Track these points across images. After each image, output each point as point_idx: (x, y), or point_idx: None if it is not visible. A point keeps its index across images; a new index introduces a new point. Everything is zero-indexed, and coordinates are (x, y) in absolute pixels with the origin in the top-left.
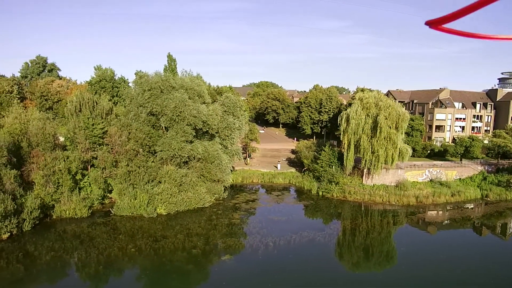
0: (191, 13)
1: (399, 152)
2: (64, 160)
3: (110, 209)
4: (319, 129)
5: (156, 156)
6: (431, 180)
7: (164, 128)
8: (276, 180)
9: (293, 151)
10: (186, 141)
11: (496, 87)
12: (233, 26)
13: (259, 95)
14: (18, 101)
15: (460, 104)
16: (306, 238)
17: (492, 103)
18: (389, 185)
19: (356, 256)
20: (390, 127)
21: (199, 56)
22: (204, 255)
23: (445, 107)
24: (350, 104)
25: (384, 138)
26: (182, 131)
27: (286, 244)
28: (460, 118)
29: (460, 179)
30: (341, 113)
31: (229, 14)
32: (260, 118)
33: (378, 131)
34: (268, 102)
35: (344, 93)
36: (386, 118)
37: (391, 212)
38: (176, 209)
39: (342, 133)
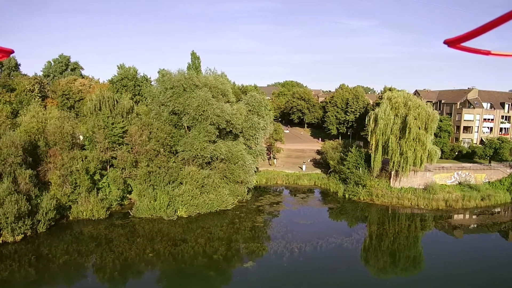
0: (216, 13)
1: (428, 154)
2: (82, 160)
3: (129, 211)
4: (345, 130)
5: (177, 156)
6: (459, 183)
7: (186, 127)
8: (301, 182)
9: (318, 152)
10: (209, 141)
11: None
12: (257, 26)
13: (284, 94)
14: (40, 99)
15: (488, 104)
16: (333, 244)
17: None
18: (417, 188)
19: (384, 263)
20: (419, 128)
21: (223, 56)
22: (226, 261)
23: (473, 108)
24: (377, 104)
25: (413, 139)
26: (205, 131)
27: (312, 250)
28: (488, 119)
29: (489, 182)
30: (369, 113)
31: (253, 14)
32: (285, 118)
33: (407, 131)
34: (294, 101)
35: (369, 93)
36: (415, 119)
37: (420, 216)
38: (198, 212)
39: (369, 133)
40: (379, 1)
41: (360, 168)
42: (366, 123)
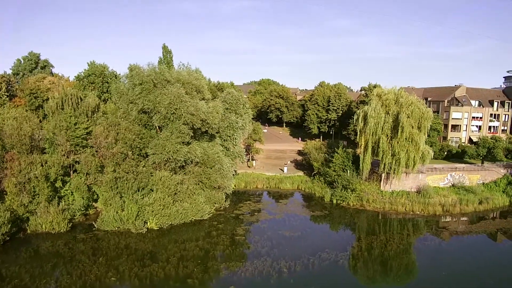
0: (194, 11)
1: (421, 155)
2: (42, 165)
3: (93, 222)
4: (327, 129)
5: (147, 160)
6: (453, 185)
7: (157, 127)
8: (283, 186)
9: (299, 152)
10: (183, 142)
11: (503, 85)
12: (237, 26)
13: (261, 93)
14: (7, 99)
15: (477, 102)
16: (327, 261)
17: (510, 101)
18: (409, 192)
19: (389, 282)
20: (412, 127)
21: (198, 56)
22: (203, 286)
23: (462, 105)
24: (361, 102)
25: (406, 139)
26: (177, 131)
27: (303, 270)
28: (477, 117)
29: (483, 183)
30: (358, 111)
31: (240, 14)
32: (263, 117)
33: (400, 131)
34: (271, 100)
35: (347, 91)
36: (408, 117)
37: (416, 223)
38: (170, 223)
39: (358, 133)
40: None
41: (348, 171)
42: (354, 121)
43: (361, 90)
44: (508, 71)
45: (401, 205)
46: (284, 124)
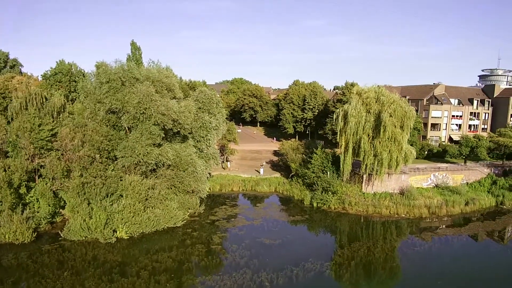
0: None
1: (404, 155)
2: (5, 170)
3: (60, 232)
4: (303, 128)
5: (117, 163)
6: (436, 186)
7: (127, 128)
8: (260, 188)
9: (275, 153)
10: (153, 144)
11: (479, 84)
12: (207, 26)
13: (234, 92)
14: None
15: (456, 100)
16: (312, 272)
17: (490, 100)
18: (392, 193)
19: None
20: (395, 126)
21: (168, 55)
22: None
23: (441, 104)
24: (338, 100)
25: (388, 138)
26: (147, 132)
27: (287, 283)
28: (457, 116)
29: (467, 183)
30: (337, 110)
31: (208, 13)
32: (236, 117)
33: (382, 130)
34: (245, 99)
35: (322, 90)
36: (390, 116)
37: (401, 227)
38: (141, 231)
39: (338, 133)
40: (329, 1)
41: (328, 172)
42: (333, 121)
43: (334, 89)
44: (482, 70)
45: (385, 208)
46: (258, 123)
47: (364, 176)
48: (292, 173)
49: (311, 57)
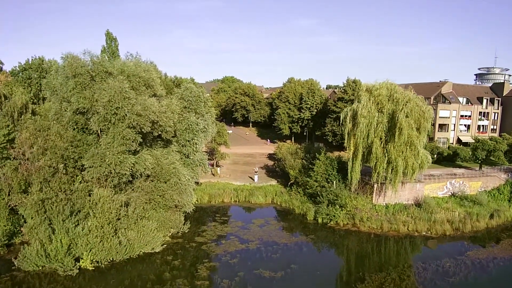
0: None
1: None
2: None
3: (13, 259)
4: (299, 129)
5: (85, 174)
6: (453, 195)
7: (99, 132)
8: (255, 199)
9: (271, 156)
10: (128, 151)
11: (478, 83)
12: (196, 25)
13: (224, 91)
14: None
15: (464, 99)
16: None
17: (499, 99)
18: (406, 204)
19: None
20: (411, 128)
21: (156, 55)
22: None
23: (449, 103)
24: (339, 99)
25: (404, 143)
26: (120, 137)
27: None
28: (465, 116)
29: (485, 191)
30: (345, 110)
31: (199, 12)
32: (227, 116)
33: (397, 133)
34: (236, 97)
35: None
36: (407, 116)
37: (428, 249)
38: (110, 258)
39: (346, 136)
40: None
41: (334, 182)
42: (340, 122)
43: (327, 88)
44: (479, 68)
45: (402, 224)
46: (251, 124)
47: (375, 185)
48: (291, 181)
49: (303, 57)
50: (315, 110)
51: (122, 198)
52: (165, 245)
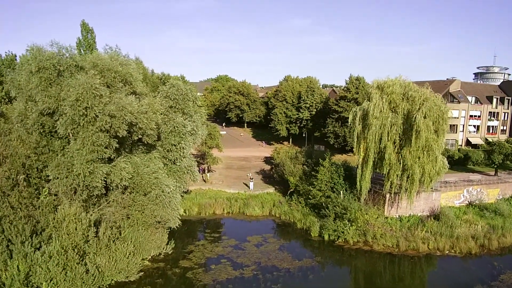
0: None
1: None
2: None
3: None
4: (297, 130)
5: (49, 187)
6: (470, 204)
7: (70, 135)
8: (251, 211)
9: (267, 160)
10: (101, 158)
11: (480, 82)
12: (190, 25)
13: (218, 90)
14: None
15: (473, 98)
16: None
17: (510, 98)
18: (422, 216)
19: None
20: (429, 131)
21: (150, 55)
22: None
23: (458, 102)
24: (342, 98)
25: (422, 147)
26: (90, 142)
27: None
28: (475, 116)
29: (504, 199)
30: (353, 109)
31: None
32: (221, 116)
33: (414, 136)
34: (230, 97)
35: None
36: (424, 117)
37: (457, 275)
38: None
39: (355, 139)
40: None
41: (341, 192)
42: (349, 123)
43: (323, 87)
44: (478, 67)
45: (421, 241)
46: (246, 124)
47: (388, 195)
48: (291, 189)
49: (298, 56)
50: (315, 110)
51: (92, 216)
52: (143, 272)
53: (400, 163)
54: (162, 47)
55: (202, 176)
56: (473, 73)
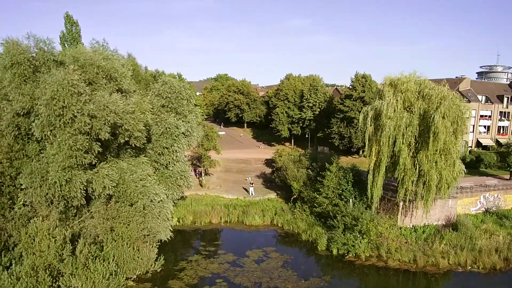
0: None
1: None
2: None
3: None
4: (300, 131)
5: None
6: (486, 211)
7: (50, 137)
8: (250, 220)
9: (268, 163)
10: (80, 164)
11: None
12: (189, 25)
13: (218, 89)
14: None
15: (484, 97)
16: None
17: None
18: (437, 225)
19: None
20: (448, 133)
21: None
22: None
23: (469, 101)
24: (347, 96)
25: (440, 151)
26: (67, 146)
27: None
28: (485, 116)
29: None
30: (364, 109)
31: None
32: (220, 116)
33: (431, 139)
34: (229, 96)
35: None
36: (443, 118)
37: None
38: None
39: (367, 142)
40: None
41: (350, 200)
42: (360, 125)
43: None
44: (481, 67)
45: (440, 255)
46: (245, 124)
47: (401, 203)
48: (294, 195)
49: (298, 56)
50: (318, 109)
51: (68, 232)
52: None
53: (415, 168)
54: (162, 47)
55: (199, 180)
56: (476, 73)
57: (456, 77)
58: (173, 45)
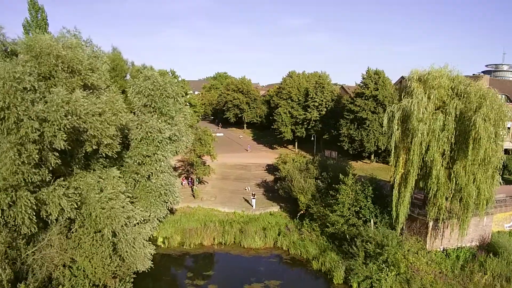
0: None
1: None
2: None
3: None
4: (304, 132)
5: None
6: None
7: None
8: (250, 241)
9: (269, 169)
10: (29, 182)
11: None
12: (187, 25)
13: (216, 88)
14: None
15: (503, 96)
16: None
17: None
18: (471, 247)
19: None
20: (490, 139)
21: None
22: None
23: None
24: (358, 95)
25: (481, 160)
26: (9, 159)
27: None
28: None
29: None
30: (389, 109)
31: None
32: (218, 116)
33: (471, 146)
34: (228, 95)
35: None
36: (484, 120)
37: None
38: None
39: (392, 150)
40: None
41: (371, 220)
42: (384, 129)
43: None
44: (486, 65)
45: None
46: (245, 125)
47: (431, 223)
48: (301, 210)
49: (297, 56)
50: (325, 109)
51: (5, 274)
52: None
53: (451, 182)
54: (160, 47)
55: (192, 189)
56: (481, 71)
57: (473, 74)
58: (171, 45)
